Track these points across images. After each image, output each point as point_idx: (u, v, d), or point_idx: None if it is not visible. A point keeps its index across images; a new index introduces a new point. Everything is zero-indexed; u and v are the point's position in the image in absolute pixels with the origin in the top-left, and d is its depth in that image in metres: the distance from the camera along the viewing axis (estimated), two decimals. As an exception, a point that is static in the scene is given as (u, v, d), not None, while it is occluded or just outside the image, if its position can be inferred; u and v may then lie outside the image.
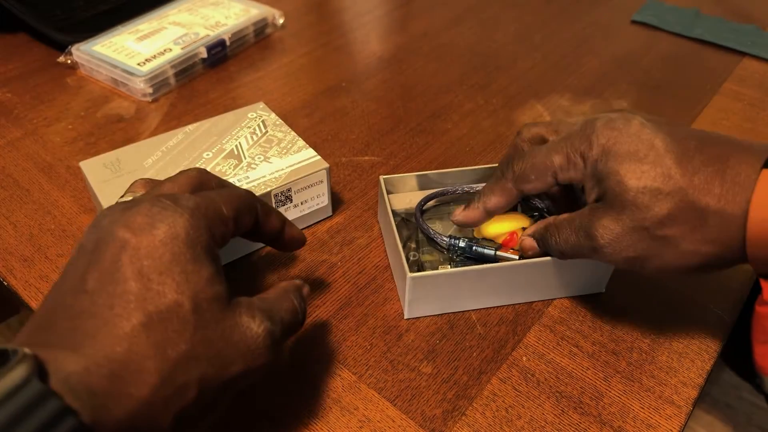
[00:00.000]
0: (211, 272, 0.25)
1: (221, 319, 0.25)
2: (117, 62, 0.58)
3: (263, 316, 0.26)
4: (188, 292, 0.24)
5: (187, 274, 0.24)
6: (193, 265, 0.24)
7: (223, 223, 0.27)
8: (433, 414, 0.34)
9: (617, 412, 0.34)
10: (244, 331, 0.25)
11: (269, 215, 0.32)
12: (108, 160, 0.42)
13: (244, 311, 0.26)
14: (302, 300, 0.30)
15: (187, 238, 0.24)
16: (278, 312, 0.28)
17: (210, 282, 0.25)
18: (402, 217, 0.43)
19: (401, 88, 0.62)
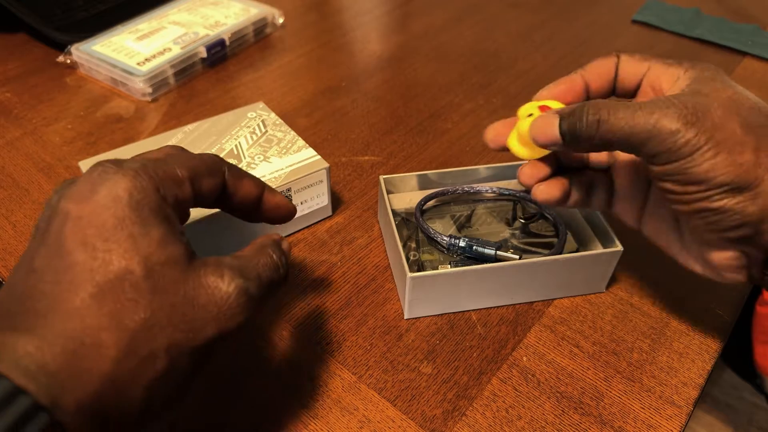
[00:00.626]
0: (162, 233, 0.23)
1: (182, 281, 0.23)
2: (116, 62, 0.58)
3: (233, 274, 0.25)
4: (137, 256, 0.22)
5: (134, 237, 0.22)
6: (140, 227, 0.23)
7: (176, 184, 0.25)
8: (433, 414, 0.34)
9: (618, 413, 0.34)
10: (211, 292, 0.24)
11: (241, 179, 0.29)
12: (107, 159, 0.42)
13: (211, 271, 0.24)
14: (282, 253, 0.29)
15: (131, 200, 0.23)
16: (253, 268, 0.26)
17: (162, 244, 0.23)
18: (402, 217, 0.43)
19: (401, 87, 0.61)
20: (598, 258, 0.38)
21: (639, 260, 0.43)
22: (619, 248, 0.38)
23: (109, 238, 0.22)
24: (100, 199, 0.23)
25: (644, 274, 0.42)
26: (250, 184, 0.30)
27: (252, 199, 0.30)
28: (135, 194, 0.23)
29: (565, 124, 0.29)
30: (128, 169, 0.24)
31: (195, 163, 0.27)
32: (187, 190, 0.26)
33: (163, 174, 0.25)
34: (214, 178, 0.28)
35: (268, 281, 0.27)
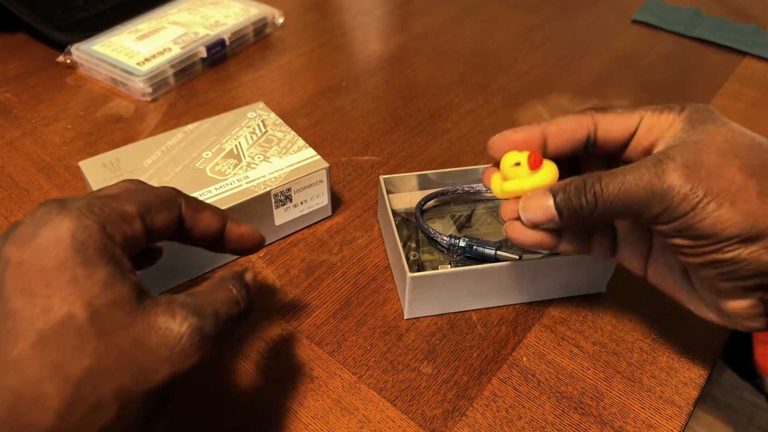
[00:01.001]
0: (108, 274, 0.22)
1: (130, 324, 0.22)
2: (116, 62, 0.58)
3: (186, 312, 0.24)
4: (80, 300, 0.21)
5: (77, 280, 0.21)
6: (84, 269, 0.22)
7: (124, 222, 0.24)
8: (433, 414, 0.34)
9: (618, 413, 0.34)
10: (162, 333, 0.23)
11: (200, 212, 0.28)
12: (107, 159, 0.42)
13: (162, 310, 0.23)
14: (244, 287, 0.28)
15: (74, 241, 0.22)
16: (210, 304, 0.25)
17: (107, 285, 0.22)
18: (402, 217, 0.43)
19: (401, 87, 0.61)
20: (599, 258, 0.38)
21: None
22: (619, 248, 0.38)
23: (50, 282, 0.21)
24: (41, 242, 0.22)
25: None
26: (211, 217, 0.29)
27: (213, 232, 0.29)
28: (78, 235, 0.22)
29: (561, 202, 0.29)
30: (72, 209, 0.23)
31: (147, 198, 0.26)
32: (138, 227, 0.25)
33: (111, 211, 0.24)
34: (168, 213, 0.27)
35: (225, 317, 0.26)
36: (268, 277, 0.41)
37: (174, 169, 0.41)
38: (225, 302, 0.26)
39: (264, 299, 0.39)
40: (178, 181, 0.40)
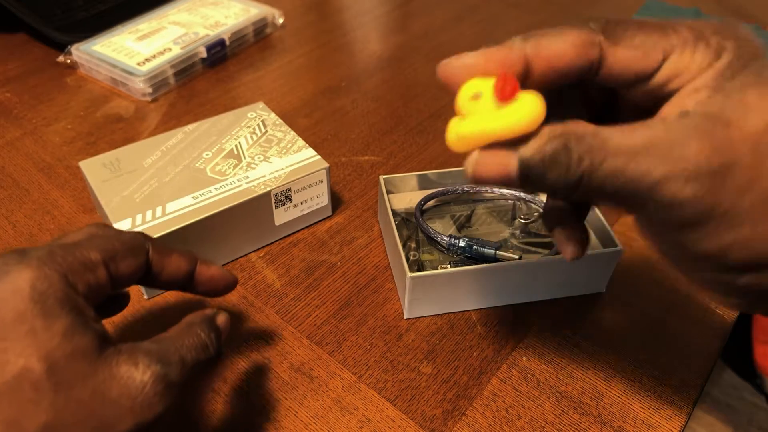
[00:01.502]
0: (68, 324, 0.22)
1: (90, 375, 0.22)
2: (116, 62, 0.58)
3: (150, 360, 0.23)
4: (38, 352, 0.21)
5: (35, 332, 0.21)
6: (42, 320, 0.21)
7: (88, 270, 0.24)
8: (433, 414, 0.34)
9: (617, 412, 0.34)
10: (124, 383, 0.22)
11: (168, 256, 0.28)
12: (107, 159, 0.42)
13: (124, 359, 0.22)
14: (213, 330, 0.27)
15: (33, 292, 0.21)
16: (176, 351, 0.25)
17: (67, 336, 0.21)
18: (402, 217, 0.43)
19: (401, 87, 0.61)
20: (598, 258, 0.38)
21: (639, 260, 0.43)
22: (619, 248, 0.38)
23: (6, 336, 0.21)
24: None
25: (644, 274, 0.42)
26: (179, 260, 0.28)
27: (182, 275, 0.29)
28: (38, 285, 0.22)
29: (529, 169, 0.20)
30: (32, 259, 0.22)
31: (112, 245, 0.25)
32: (102, 275, 0.24)
33: (74, 260, 0.24)
34: (134, 259, 0.26)
35: (192, 363, 0.25)
36: (268, 277, 0.41)
37: (174, 169, 0.41)
38: (192, 348, 0.25)
39: (264, 299, 0.39)
40: (178, 181, 0.40)
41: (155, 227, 0.37)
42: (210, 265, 0.30)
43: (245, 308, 0.39)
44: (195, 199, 0.39)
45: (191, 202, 0.39)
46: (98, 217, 0.45)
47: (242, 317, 0.38)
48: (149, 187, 0.40)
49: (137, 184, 0.40)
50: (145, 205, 0.38)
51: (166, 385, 0.23)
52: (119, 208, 0.38)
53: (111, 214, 0.38)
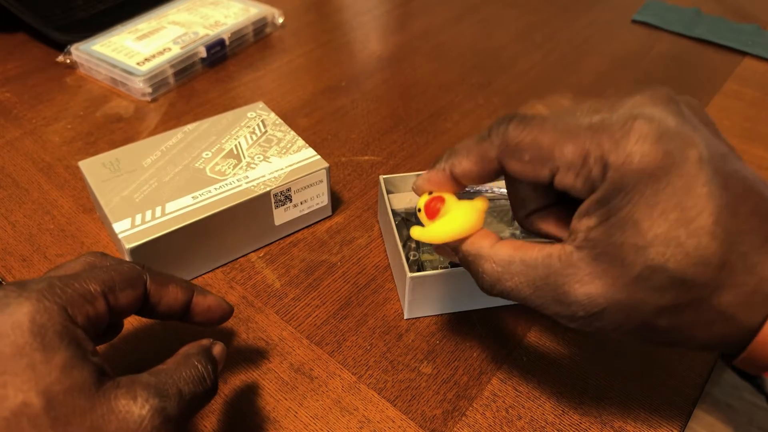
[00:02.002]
0: (67, 358, 0.22)
1: (89, 410, 0.21)
2: (116, 62, 0.58)
3: (148, 394, 0.23)
4: (37, 387, 0.21)
5: (34, 366, 0.21)
6: (42, 354, 0.21)
7: (87, 302, 0.24)
8: (433, 414, 0.34)
9: (618, 412, 0.34)
10: (123, 417, 0.22)
11: (166, 286, 0.28)
12: (107, 159, 0.42)
13: (122, 393, 0.22)
14: (210, 362, 0.27)
15: (33, 325, 0.21)
16: (173, 384, 0.24)
17: (66, 370, 0.21)
18: (402, 217, 0.43)
19: (401, 87, 0.61)
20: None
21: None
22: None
23: (5, 370, 0.21)
24: None
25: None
26: (177, 291, 0.29)
27: (179, 306, 0.29)
28: (38, 318, 0.22)
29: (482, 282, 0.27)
30: (32, 291, 0.22)
31: (110, 276, 0.26)
32: (101, 306, 0.25)
33: (73, 292, 0.24)
34: (133, 290, 0.26)
35: (190, 396, 0.25)
36: (268, 277, 0.41)
37: (174, 169, 0.41)
38: (190, 380, 0.25)
39: (264, 299, 0.39)
40: (177, 180, 0.40)
41: (155, 227, 0.37)
42: (206, 295, 0.30)
43: (245, 308, 0.39)
44: (195, 199, 0.39)
45: (191, 202, 0.39)
46: (97, 217, 0.45)
47: (242, 317, 0.38)
48: (149, 186, 0.40)
49: (137, 184, 0.40)
50: (145, 205, 0.38)
51: (164, 419, 0.23)
52: (119, 208, 0.38)
53: (111, 214, 0.38)
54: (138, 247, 0.36)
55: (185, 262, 0.39)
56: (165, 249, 0.37)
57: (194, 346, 0.27)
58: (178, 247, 0.38)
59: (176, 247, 0.38)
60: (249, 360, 0.36)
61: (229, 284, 0.40)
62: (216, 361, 0.27)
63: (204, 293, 0.30)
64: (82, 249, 0.42)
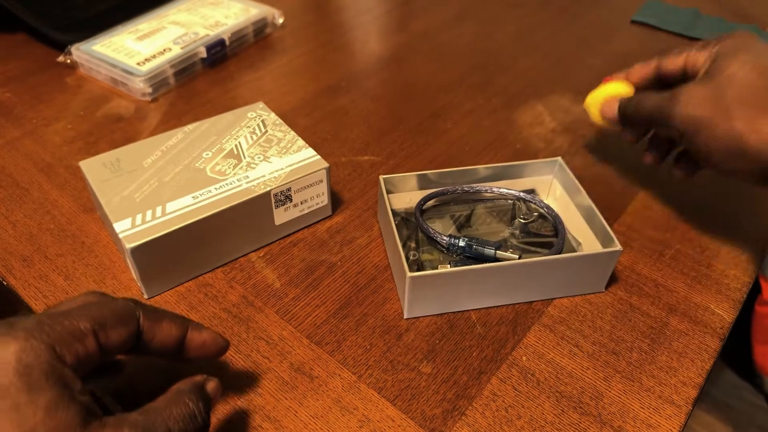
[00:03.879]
0: (53, 398, 0.22)
1: None
2: (116, 62, 0.58)
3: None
4: (20, 429, 0.21)
5: (18, 407, 0.21)
6: (27, 395, 0.21)
7: (76, 340, 0.24)
8: (432, 414, 0.34)
9: (617, 412, 0.34)
10: None
11: (159, 322, 0.28)
12: (107, 159, 0.42)
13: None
14: (201, 400, 0.27)
15: (18, 365, 0.21)
16: (163, 422, 0.24)
17: (50, 411, 0.21)
18: (402, 217, 0.43)
19: (401, 87, 0.61)
20: (597, 258, 0.38)
21: (639, 260, 0.43)
22: (618, 248, 0.38)
23: None
24: None
25: (644, 274, 0.42)
26: (170, 327, 0.28)
27: (173, 342, 0.29)
28: (24, 358, 0.22)
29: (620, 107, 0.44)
30: (19, 330, 0.22)
31: (102, 314, 0.25)
32: (91, 344, 0.24)
33: (62, 329, 0.23)
34: (125, 328, 0.26)
35: None
36: (268, 277, 0.41)
37: (174, 169, 0.41)
38: (179, 418, 0.25)
39: (264, 299, 0.40)
40: (178, 180, 0.40)
41: (155, 227, 0.37)
42: (201, 330, 0.30)
43: (245, 308, 0.39)
44: (195, 198, 0.39)
45: (191, 201, 0.39)
46: (98, 217, 0.45)
47: (242, 317, 0.38)
48: (149, 186, 0.40)
49: (137, 183, 0.40)
50: (145, 205, 0.38)
51: None
52: (119, 208, 0.38)
53: (111, 213, 0.38)
54: (138, 246, 0.36)
55: (185, 262, 0.39)
56: (165, 249, 0.37)
57: (186, 382, 0.27)
58: (179, 246, 0.38)
59: (177, 247, 0.38)
60: (249, 360, 0.36)
61: (230, 284, 0.40)
62: (209, 397, 0.27)
63: (199, 328, 0.30)
64: (83, 249, 0.42)
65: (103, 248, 0.42)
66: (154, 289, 0.39)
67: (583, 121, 0.57)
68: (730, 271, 0.43)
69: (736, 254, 0.44)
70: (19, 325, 0.23)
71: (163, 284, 0.39)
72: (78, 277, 0.40)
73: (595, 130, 0.56)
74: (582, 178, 0.45)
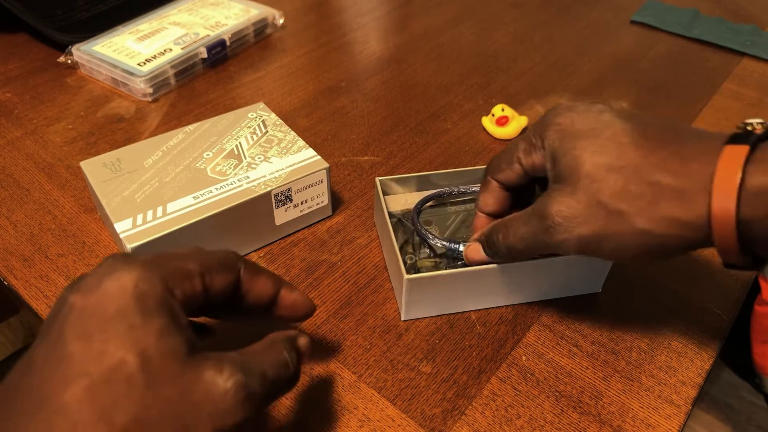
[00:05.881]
0: (164, 324, 0.23)
1: (178, 375, 0.22)
2: (117, 62, 0.58)
3: (234, 368, 0.24)
4: (135, 347, 0.22)
5: (133, 328, 0.22)
6: (141, 317, 0.23)
7: (186, 278, 0.26)
8: (432, 413, 0.34)
9: (616, 412, 0.34)
10: (208, 388, 0.23)
11: (257, 276, 0.29)
12: (108, 159, 0.42)
13: (210, 365, 0.23)
14: (295, 352, 0.27)
15: (135, 291, 0.23)
16: (259, 364, 0.25)
17: (162, 335, 0.23)
18: (399, 219, 0.43)
19: (401, 88, 0.62)
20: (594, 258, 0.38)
21: (638, 260, 0.43)
22: (617, 248, 0.38)
23: (106, 328, 0.22)
24: (105, 290, 0.23)
25: (643, 274, 0.42)
26: (267, 282, 0.30)
27: (267, 297, 0.30)
28: (140, 285, 0.23)
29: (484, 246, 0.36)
30: (137, 262, 0.24)
31: (209, 259, 0.27)
32: (198, 285, 0.26)
33: (174, 267, 0.25)
34: (228, 274, 0.28)
35: (273, 378, 0.26)
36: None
37: (175, 170, 0.41)
38: (274, 364, 0.26)
39: (264, 299, 0.40)
40: (178, 181, 0.40)
41: (156, 227, 0.37)
42: (293, 290, 0.31)
43: (246, 308, 0.39)
44: (196, 199, 0.39)
45: (192, 202, 0.39)
46: (99, 217, 0.45)
47: (243, 317, 0.38)
48: (150, 187, 0.40)
49: (138, 184, 0.40)
50: (146, 205, 0.38)
51: (247, 395, 0.24)
52: (120, 208, 0.38)
53: (112, 214, 0.38)
54: (139, 247, 0.36)
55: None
56: (166, 249, 0.37)
57: (281, 334, 0.28)
58: (179, 246, 0.38)
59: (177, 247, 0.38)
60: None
61: (230, 284, 0.40)
62: (300, 350, 0.28)
63: (291, 288, 0.31)
64: (84, 249, 0.42)
65: (104, 248, 0.43)
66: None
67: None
68: (729, 271, 0.43)
69: (735, 254, 0.44)
70: (137, 258, 0.25)
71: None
72: (79, 277, 0.40)
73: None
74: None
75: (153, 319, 0.23)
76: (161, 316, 0.23)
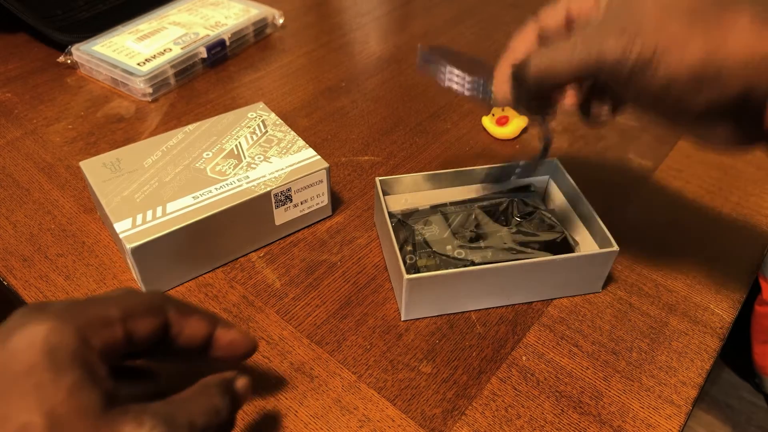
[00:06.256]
0: (76, 380, 0.21)
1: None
2: (117, 62, 0.58)
3: (156, 421, 0.22)
4: (41, 407, 0.21)
5: (41, 386, 0.21)
6: (51, 373, 0.21)
7: (104, 326, 0.24)
8: (432, 413, 0.34)
9: (617, 412, 0.34)
10: None
11: (188, 317, 0.27)
12: (108, 159, 0.42)
13: (129, 419, 0.22)
14: (229, 395, 0.26)
15: (46, 345, 0.22)
16: (187, 413, 0.24)
17: (73, 391, 0.21)
18: (399, 219, 0.43)
19: (401, 88, 0.62)
20: (594, 258, 0.38)
21: (638, 260, 0.43)
22: (615, 248, 0.38)
23: (11, 390, 0.21)
24: (12, 347, 0.22)
25: (643, 274, 0.42)
26: (199, 323, 0.28)
27: (201, 339, 0.28)
28: (51, 338, 0.22)
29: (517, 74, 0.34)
30: (50, 312, 0.23)
31: (131, 303, 0.25)
32: (119, 332, 0.24)
33: (91, 315, 0.24)
34: (153, 318, 0.26)
35: (203, 427, 0.24)
36: (268, 276, 0.41)
37: (174, 169, 0.41)
38: (204, 412, 0.25)
39: (264, 299, 0.40)
40: (178, 181, 0.40)
41: (156, 227, 0.37)
42: (230, 328, 0.29)
43: (245, 308, 0.39)
44: (195, 199, 0.39)
45: (191, 202, 0.39)
46: (98, 217, 0.45)
47: (243, 317, 0.38)
48: (150, 187, 0.40)
49: (138, 184, 0.40)
50: (146, 205, 0.38)
51: None
52: (119, 208, 0.38)
53: (111, 214, 0.38)
54: (139, 246, 0.36)
55: (186, 262, 0.39)
56: (166, 249, 0.37)
57: (215, 377, 0.27)
58: (179, 247, 0.38)
59: (177, 247, 0.38)
60: (249, 359, 0.36)
61: (230, 284, 0.40)
62: (237, 394, 0.27)
63: (228, 327, 0.29)
64: (83, 249, 0.42)
65: (103, 248, 0.42)
66: (154, 289, 0.39)
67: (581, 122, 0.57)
68: (729, 270, 0.43)
69: (735, 254, 0.44)
70: (49, 307, 0.23)
71: (164, 284, 0.39)
72: (78, 277, 0.40)
73: (595, 130, 0.56)
74: (580, 178, 0.45)
75: (64, 374, 0.21)
76: (74, 370, 0.22)
